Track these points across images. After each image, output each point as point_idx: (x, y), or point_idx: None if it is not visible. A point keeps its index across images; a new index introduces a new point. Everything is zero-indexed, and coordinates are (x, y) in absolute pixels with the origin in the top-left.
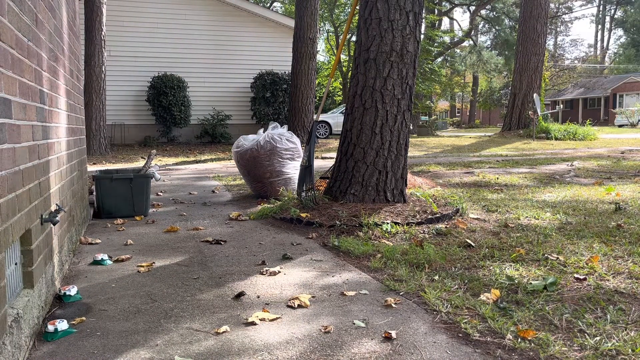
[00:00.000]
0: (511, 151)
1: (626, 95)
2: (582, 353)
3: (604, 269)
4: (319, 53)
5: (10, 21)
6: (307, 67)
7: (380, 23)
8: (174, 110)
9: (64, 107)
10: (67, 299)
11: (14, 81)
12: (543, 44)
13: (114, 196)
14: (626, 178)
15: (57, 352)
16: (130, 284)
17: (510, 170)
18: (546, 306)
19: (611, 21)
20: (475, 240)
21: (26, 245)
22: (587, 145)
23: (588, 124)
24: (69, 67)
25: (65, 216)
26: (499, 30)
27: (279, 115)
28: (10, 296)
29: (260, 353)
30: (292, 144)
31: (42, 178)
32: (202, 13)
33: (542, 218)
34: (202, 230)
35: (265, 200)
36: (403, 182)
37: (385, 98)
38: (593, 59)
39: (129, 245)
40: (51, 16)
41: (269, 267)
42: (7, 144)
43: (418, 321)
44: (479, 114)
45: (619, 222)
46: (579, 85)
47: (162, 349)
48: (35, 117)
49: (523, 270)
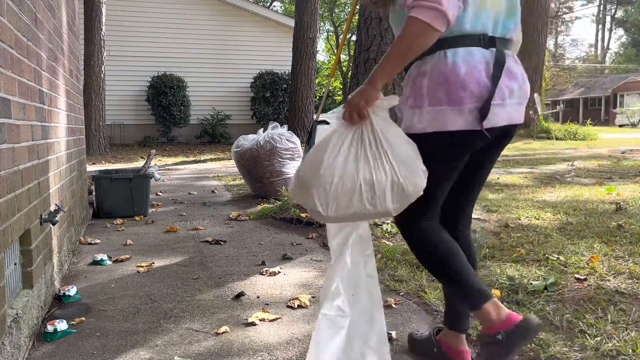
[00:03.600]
0: (512, 151)
1: (627, 95)
2: (583, 353)
3: (604, 269)
4: (319, 53)
5: (10, 21)
6: (307, 67)
7: (381, 22)
8: (174, 110)
9: (63, 107)
10: (66, 299)
11: (13, 81)
12: (543, 43)
13: (113, 196)
14: (627, 178)
15: (56, 352)
16: (129, 284)
17: (510, 170)
18: (547, 306)
19: (611, 21)
20: (475, 240)
21: (25, 245)
22: (588, 145)
23: (588, 124)
24: (68, 67)
25: (65, 216)
26: None
27: (278, 115)
28: (10, 296)
29: (260, 353)
30: (292, 144)
31: (41, 178)
32: (202, 13)
33: (542, 218)
34: (202, 230)
35: (265, 200)
36: None
37: None
38: (593, 59)
39: (128, 246)
40: (50, 16)
41: (269, 267)
42: (7, 144)
43: (418, 321)
44: None
45: (619, 222)
46: (580, 85)
47: (161, 349)
48: (34, 117)
49: (523, 271)
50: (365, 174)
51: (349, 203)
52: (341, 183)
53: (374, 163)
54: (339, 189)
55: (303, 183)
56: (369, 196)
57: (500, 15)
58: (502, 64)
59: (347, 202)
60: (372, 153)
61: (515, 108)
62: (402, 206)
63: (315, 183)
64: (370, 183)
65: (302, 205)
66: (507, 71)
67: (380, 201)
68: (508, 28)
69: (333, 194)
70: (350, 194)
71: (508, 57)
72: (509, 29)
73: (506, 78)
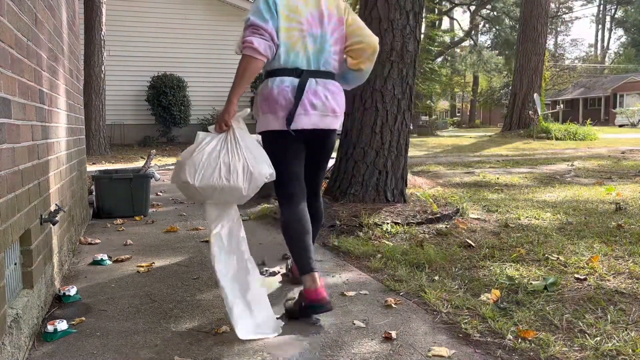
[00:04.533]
0: (511, 151)
1: (626, 95)
2: (583, 353)
3: (604, 269)
4: None
5: (10, 21)
6: None
7: (381, 23)
8: (174, 110)
9: (63, 107)
10: (66, 299)
11: (13, 81)
12: (543, 43)
13: (113, 196)
14: (627, 178)
15: (56, 352)
16: (130, 284)
17: (510, 170)
18: (546, 306)
19: (611, 21)
20: (475, 240)
21: (25, 245)
22: (588, 145)
23: (588, 124)
24: (68, 67)
25: (65, 216)
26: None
27: None
28: (10, 296)
29: (260, 353)
30: None
31: (41, 178)
32: (202, 13)
33: (542, 218)
34: (202, 230)
35: (265, 200)
36: (403, 182)
37: (386, 98)
38: (593, 59)
39: (128, 245)
40: (51, 16)
41: (269, 267)
42: (7, 144)
43: (418, 321)
44: (479, 114)
45: (619, 222)
46: (579, 85)
47: (161, 349)
48: (34, 117)
49: (523, 271)
50: (224, 158)
51: (211, 176)
52: (207, 162)
53: (231, 153)
54: (205, 165)
55: (180, 162)
56: (225, 173)
57: (310, 54)
58: (302, 88)
59: (209, 175)
60: (231, 147)
61: (319, 117)
62: (250, 186)
63: (189, 161)
64: (227, 164)
65: (177, 187)
66: (312, 92)
67: (233, 178)
68: (318, 63)
69: (200, 167)
70: (213, 170)
71: (313, 82)
72: (319, 63)
73: (310, 97)
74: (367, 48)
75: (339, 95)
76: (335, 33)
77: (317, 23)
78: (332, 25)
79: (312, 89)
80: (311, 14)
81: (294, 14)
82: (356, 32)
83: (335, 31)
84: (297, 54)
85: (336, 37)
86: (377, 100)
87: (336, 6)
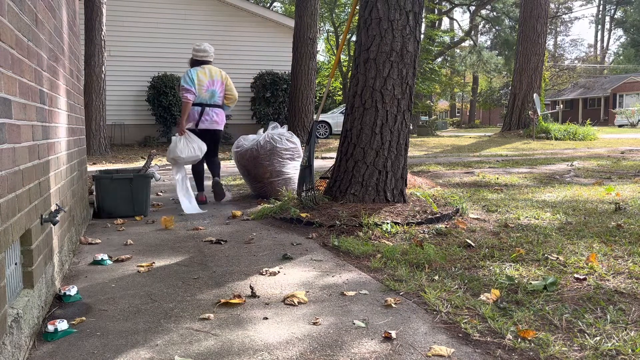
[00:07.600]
0: (511, 151)
1: (626, 95)
2: (582, 353)
3: (604, 269)
4: (319, 53)
5: (10, 21)
6: (307, 67)
7: (380, 23)
8: (174, 110)
9: (64, 107)
10: (67, 299)
11: (13, 81)
12: (543, 44)
13: (114, 196)
14: (626, 178)
15: (57, 352)
16: (130, 284)
17: (510, 170)
18: (546, 306)
19: (611, 21)
20: (475, 240)
21: (26, 245)
22: (587, 145)
23: (588, 124)
24: (69, 67)
25: (65, 216)
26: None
27: (279, 115)
28: (10, 296)
29: (260, 353)
30: (292, 144)
31: (42, 178)
32: (202, 13)
33: (542, 218)
34: (202, 230)
35: (265, 200)
36: (403, 182)
37: (385, 98)
38: (593, 59)
39: (129, 245)
40: (51, 16)
41: (269, 267)
42: (7, 144)
43: (418, 321)
44: (479, 114)
45: (618, 222)
46: (579, 85)
47: (162, 349)
48: (35, 117)
49: (523, 270)
50: (190, 145)
51: (188, 152)
52: (184, 146)
53: (191, 143)
54: (184, 148)
55: (172, 148)
56: (193, 150)
57: (207, 97)
58: (202, 113)
59: (187, 151)
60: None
61: (209, 124)
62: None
63: (177, 148)
64: (191, 147)
65: (168, 160)
66: (206, 114)
67: (196, 152)
68: (213, 101)
69: (182, 149)
70: (188, 150)
71: (209, 109)
72: (213, 101)
73: (206, 116)
74: (231, 97)
75: (221, 114)
76: (220, 88)
77: (211, 84)
78: (219, 85)
79: (207, 111)
80: (208, 81)
81: (200, 82)
82: (229, 89)
83: (220, 87)
84: (201, 96)
85: (221, 89)
86: (377, 100)
87: (221, 76)
